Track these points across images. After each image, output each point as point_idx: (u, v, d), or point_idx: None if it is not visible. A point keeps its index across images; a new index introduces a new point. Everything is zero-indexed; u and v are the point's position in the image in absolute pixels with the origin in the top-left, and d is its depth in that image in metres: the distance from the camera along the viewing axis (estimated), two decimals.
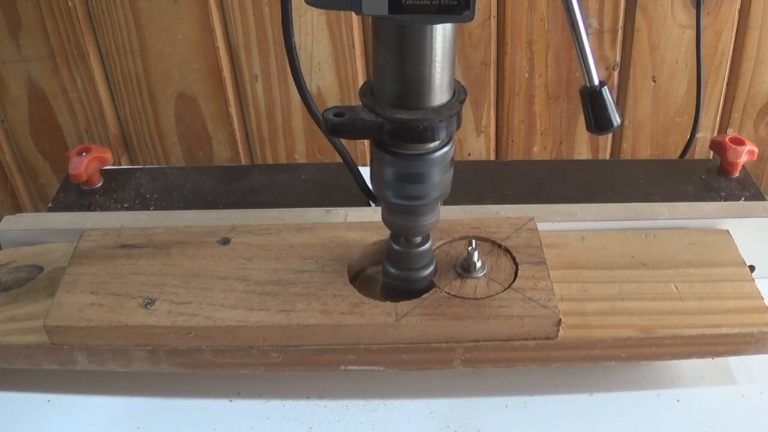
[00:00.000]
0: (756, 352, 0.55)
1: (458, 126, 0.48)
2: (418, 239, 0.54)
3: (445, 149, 0.49)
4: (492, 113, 0.94)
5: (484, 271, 0.57)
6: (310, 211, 0.66)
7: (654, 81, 0.90)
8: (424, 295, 0.55)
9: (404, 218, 0.52)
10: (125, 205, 0.76)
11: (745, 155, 0.76)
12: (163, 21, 0.87)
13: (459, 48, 0.46)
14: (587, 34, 0.47)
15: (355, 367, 0.55)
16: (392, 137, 0.47)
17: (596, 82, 0.47)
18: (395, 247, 0.54)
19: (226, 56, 0.90)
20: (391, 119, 0.46)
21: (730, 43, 0.88)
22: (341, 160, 0.72)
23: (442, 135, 0.47)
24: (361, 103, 0.48)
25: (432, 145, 0.48)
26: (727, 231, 0.63)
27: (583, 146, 0.97)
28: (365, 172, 0.75)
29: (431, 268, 0.56)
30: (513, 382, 0.58)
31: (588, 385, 0.57)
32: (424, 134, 0.46)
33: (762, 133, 0.95)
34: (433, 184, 0.50)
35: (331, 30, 0.87)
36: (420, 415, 0.56)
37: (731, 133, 0.94)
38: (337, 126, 0.47)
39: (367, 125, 0.47)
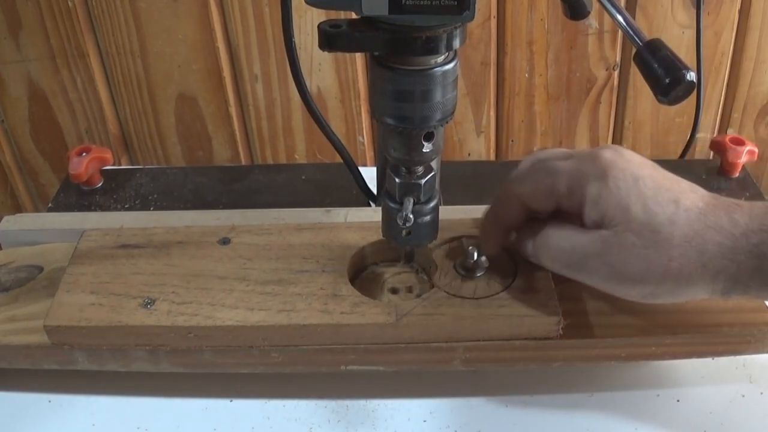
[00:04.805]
0: (756, 351, 0.55)
1: (462, 41, 0.45)
2: (420, 169, 0.51)
3: (449, 66, 0.46)
4: (492, 113, 0.94)
5: (484, 271, 0.57)
6: (310, 211, 0.66)
7: None
8: (424, 295, 0.55)
9: (404, 143, 0.49)
10: (125, 206, 0.77)
11: (745, 155, 0.76)
12: (163, 21, 0.87)
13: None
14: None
15: (355, 367, 0.55)
16: (392, 49, 0.44)
17: (646, 38, 0.43)
18: (396, 179, 0.51)
19: (226, 56, 0.90)
20: (391, 28, 0.43)
21: (730, 43, 0.88)
22: (341, 160, 0.72)
23: (445, 47, 0.44)
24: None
25: (435, 59, 0.45)
26: None
27: (583, 146, 0.97)
28: (365, 172, 0.75)
29: (435, 202, 0.53)
30: (513, 382, 0.58)
31: (588, 385, 0.57)
32: (427, 45, 0.44)
33: (762, 133, 0.95)
34: (435, 103, 0.46)
35: None
36: (420, 415, 0.56)
37: (731, 133, 0.94)
38: (333, 36, 0.44)
39: (366, 36, 0.44)
